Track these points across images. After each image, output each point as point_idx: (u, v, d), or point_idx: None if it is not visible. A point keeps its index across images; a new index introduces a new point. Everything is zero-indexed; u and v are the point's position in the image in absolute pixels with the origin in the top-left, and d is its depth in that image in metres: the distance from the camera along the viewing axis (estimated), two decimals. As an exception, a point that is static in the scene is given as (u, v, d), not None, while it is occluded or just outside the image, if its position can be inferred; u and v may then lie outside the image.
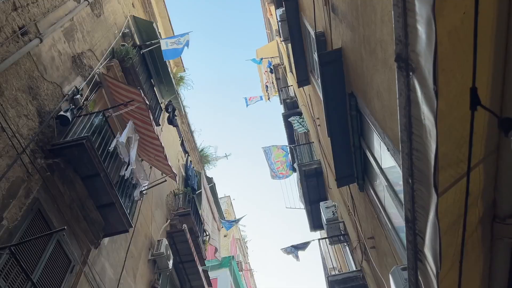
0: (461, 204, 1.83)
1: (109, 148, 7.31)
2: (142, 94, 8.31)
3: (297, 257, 10.35)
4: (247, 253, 28.87)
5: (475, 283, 2.22)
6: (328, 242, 9.98)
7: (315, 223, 12.96)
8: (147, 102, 8.41)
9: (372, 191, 5.85)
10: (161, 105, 12.29)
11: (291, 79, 13.25)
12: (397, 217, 4.88)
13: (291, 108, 14.80)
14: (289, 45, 10.60)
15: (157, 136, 8.65)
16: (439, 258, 1.52)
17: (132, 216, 8.01)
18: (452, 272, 1.96)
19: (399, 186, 4.56)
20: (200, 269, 12.17)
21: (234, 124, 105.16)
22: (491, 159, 1.93)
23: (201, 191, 14.15)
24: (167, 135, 13.30)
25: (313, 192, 12.32)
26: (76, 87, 7.75)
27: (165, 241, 10.50)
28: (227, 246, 23.25)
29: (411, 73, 1.40)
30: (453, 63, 1.50)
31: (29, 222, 5.83)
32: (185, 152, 15.48)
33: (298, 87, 10.83)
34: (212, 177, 17.38)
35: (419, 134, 1.48)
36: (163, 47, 10.86)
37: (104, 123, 7.53)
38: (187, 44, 10.99)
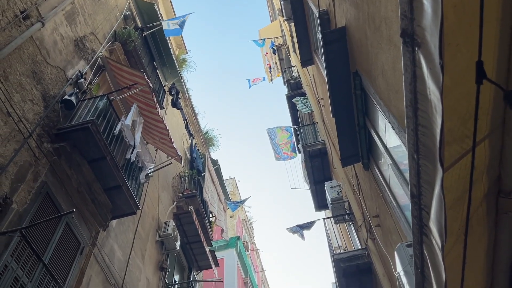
0: (466, 180, 1.84)
1: (114, 131, 7.35)
2: (146, 77, 8.30)
3: (302, 236, 10.47)
4: (252, 233, 29.17)
5: (480, 258, 2.25)
6: (333, 221, 10.06)
7: (320, 203, 13.05)
8: (151, 85, 8.40)
9: (377, 170, 5.86)
10: (164, 87, 12.26)
11: (295, 59, 13.15)
12: (402, 195, 4.90)
13: (294, 89, 14.72)
14: (292, 24, 10.48)
15: (162, 118, 8.67)
16: (444, 231, 1.54)
17: (139, 198, 8.11)
18: (457, 247, 1.98)
19: (404, 164, 4.58)
20: (207, 249, 12.35)
21: (238, 106, 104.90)
22: (496, 134, 1.93)
23: (205, 174, 14.23)
24: (171, 118, 13.32)
25: (317, 173, 12.36)
26: (79, 71, 7.75)
27: (172, 223, 10.64)
28: (233, 227, 23.51)
29: (416, 48, 1.39)
30: (459, 37, 1.49)
31: (38, 205, 5.92)
32: (190, 134, 15.52)
33: (302, 67, 10.76)
34: (217, 159, 17.46)
35: (424, 110, 1.48)
36: (165, 28, 10.78)
37: (108, 107, 7.56)
38: (182, 25, 10.85)
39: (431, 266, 1.83)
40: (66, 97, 7.01)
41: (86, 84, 7.83)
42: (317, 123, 11.91)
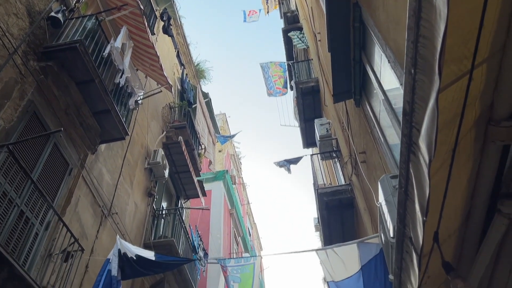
0: (459, 103, 1.82)
1: (103, 53, 7.13)
2: (136, -2, 7.91)
3: (289, 169, 10.67)
4: (240, 168, 29.72)
5: (462, 184, 2.29)
6: (319, 158, 10.22)
7: (308, 141, 13.17)
8: (142, 7, 8.03)
9: (368, 106, 5.86)
10: (155, 12, 11.77)
11: (293, -9, 12.61)
12: (390, 133, 4.94)
13: (291, 23, 14.26)
14: (293, -49, 9.91)
15: (152, 44, 8.40)
16: (434, 145, 1.55)
17: (128, 124, 8.07)
18: (442, 171, 2.01)
19: (395, 100, 4.57)
20: (195, 179, 12.58)
21: (231, 39, 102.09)
22: (495, 59, 1.89)
23: (196, 105, 14.13)
24: (162, 45, 12.93)
25: (308, 110, 12.35)
26: (66, -13, 7.34)
27: (161, 151, 10.71)
28: (222, 161, 23.85)
29: None
30: None
31: (25, 123, 5.87)
32: (181, 64, 15.17)
33: (300, -2, 10.33)
34: (208, 93, 17.28)
35: (427, 19, 1.42)
36: None
37: (97, 28, 7.27)
38: None
39: (415, 184, 1.86)
40: (52, 13, 6.69)
41: (74, 2, 7.45)
42: (312, 59, 11.69)
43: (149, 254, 6.40)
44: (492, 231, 2.37)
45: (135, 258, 6.07)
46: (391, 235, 3.54)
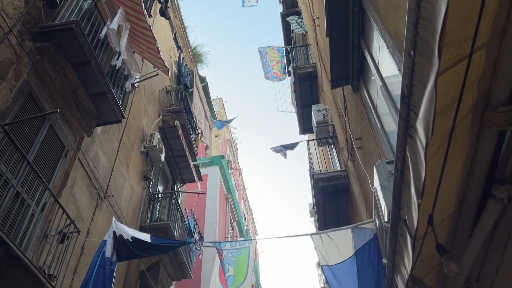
0: (457, 88, 1.82)
1: (100, 35, 7.05)
2: (133, -21, 7.79)
3: (285, 155, 10.69)
4: (237, 153, 29.75)
5: (457, 169, 2.31)
6: (316, 144, 10.25)
7: (305, 127, 13.20)
8: (139, -12, 7.91)
9: (365, 92, 5.85)
10: (153, -6, 11.61)
11: (292, -25, 12.46)
12: (387, 117, 4.95)
13: (290, 7, 14.15)
14: None
15: (149, 26, 8.30)
16: (432, 127, 1.56)
17: (124, 107, 8.04)
18: (438, 156, 2.02)
19: (393, 87, 4.56)
20: (192, 163, 12.59)
21: (229, 24, 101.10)
22: (494, 44, 1.89)
23: (193, 89, 14.06)
24: (159, 28, 12.79)
25: (306, 96, 12.34)
26: (62, -34, 7.20)
27: (157, 135, 10.69)
28: (218, 146, 23.86)
29: None
30: None
31: (21, 104, 5.83)
32: (178, 48, 15.04)
33: (299, -17, 10.22)
34: (205, 77, 17.17)
35: (429, 0, 1.42)
36: None
37: (93, 9, 7.18)
38: None
39: (411, 167, 1.87)
40: (48, -7, 6.58)
41: (70, -18, 7.32)
42: (310, 45, 11.63)
43: (145, 237, 6.44)
44: (486, 215, 2.40)
45: (131, 240, 6.11)
46: (386, 220, 3.57)
